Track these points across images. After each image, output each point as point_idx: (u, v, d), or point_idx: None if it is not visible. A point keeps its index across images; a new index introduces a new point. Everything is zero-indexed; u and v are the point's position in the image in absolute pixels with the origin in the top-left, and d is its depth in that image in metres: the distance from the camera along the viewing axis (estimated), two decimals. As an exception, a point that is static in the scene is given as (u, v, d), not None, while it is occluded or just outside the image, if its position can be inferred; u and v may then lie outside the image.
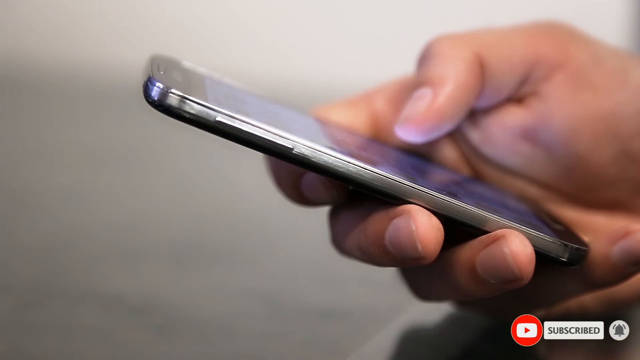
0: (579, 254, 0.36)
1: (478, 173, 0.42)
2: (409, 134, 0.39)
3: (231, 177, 0.73)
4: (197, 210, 0.62)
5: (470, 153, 0.42)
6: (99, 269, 0.49)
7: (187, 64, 0.39)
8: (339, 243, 0.39)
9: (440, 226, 0.35)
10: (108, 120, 0.94)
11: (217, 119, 0.34)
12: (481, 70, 0.40)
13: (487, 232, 0.35)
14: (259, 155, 0.41)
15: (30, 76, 1.12)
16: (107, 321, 0.41)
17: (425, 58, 0.40)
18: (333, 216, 0.39)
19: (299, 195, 0.38)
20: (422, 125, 0.39)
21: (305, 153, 0.35)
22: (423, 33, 0.43)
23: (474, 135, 0.41)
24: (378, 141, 0.42)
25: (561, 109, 0.41)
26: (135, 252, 0.52)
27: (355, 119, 0.42)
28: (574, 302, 0.41)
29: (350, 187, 0.36)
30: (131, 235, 0.55)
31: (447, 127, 0.39)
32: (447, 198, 0.35)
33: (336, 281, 0.48)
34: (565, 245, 0.36)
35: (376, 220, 0.36)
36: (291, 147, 0.34)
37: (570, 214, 0.41)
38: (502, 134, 0.41)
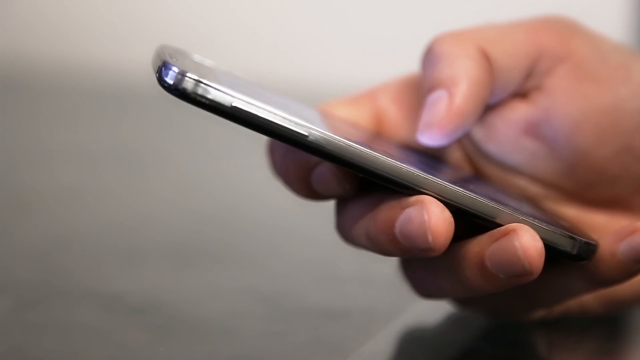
0: (589, 249, 0.36)
1: (479, 171, 0.42)
2: (433, 139, 0.39)
3: (231, 177, 0.73)
4: (197, 210, 0.62)
5: (473, 150, 0.42)
6: (99, 269, 0.49)
7: (195, 55, 0.39)
8: (346, 230, 0.38)
9: (452, 219, 0.35)
10: (108, 120, 0.94)
11: (234, 104, 0.34)
12: (489, 64, 0.40)
13: (498, 225, 0.35)
14: (260, 155, 0.41)
15: (30, 76, 1.12)
16: (107, 321, 0.41)
17: (430, 59, 0.40)
18: (341, 203, 0.39)
19: (309, 190, 0.38)
20: (446, 129, 0.39)
21: (320, 141, 0.34)
22: (423, 32, 0.43)
23: (478, 131, 0.41)
24: (382, 137, 0.42)
25: (564, 102, 0.40)
26: (135, 252, 0.52)
27: (358, 116, 0.42)
28: (574, 302, 0.41)
29: (362, 176, 0.35)
30: (131, 235, 0.55)
31: (468, 125, 0.39)
32: (460, 189, 0.35)
33: (336, 281, 0.48)
34: (575, 239, 0.36)
35: (387, 209, 0.36)
36: (307, 134, 0.34)
37: (571, 212, 0.41)
38: (506, 130, 0.41)
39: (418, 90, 0.42)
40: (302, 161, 0.37)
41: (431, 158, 0.41)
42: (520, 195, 0.41)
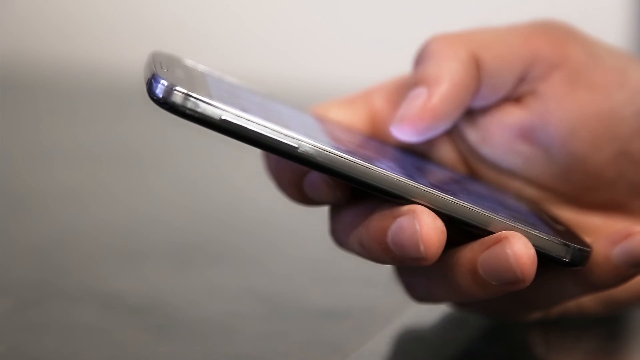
0: (582, 255, 0.36)
1: (475, 173, 0.42)
2: (404, 133, 0.39)
3: (231, 177, 0.73)
4: (197, 210, 0.62)
5: (468, 153, 0.42)
6: (99, 269, 0.49)
7: (187, 61, 0.39)
8: (339, 236, 0.38)
9: (444, 228, 0.35)
10: (108, 120, 0.94)
11: (223, 117, 0.34)
12: (477, 69, 0.40)
13: (490, 233, 0.35)
14: (259, 155, 0.41)
15: (30, 76, 1.12)
16: (107, 321, 0.41)
17: (421, 58, 0.40)
18: (335, 209, 0.39)
19: (302, 195, 0.38)
20: (417, 125, 0.39)
21: (310, 152, 0.34)
22: (423, 33, 0.43)
23: (472, 135, 0.41)
24: (377, 139, 0.42)
25: (559, 108, 0.40)
26: (135, 252, 0.52)
27: (353, 117, 0.42)
28: (572, 303, 0.41)
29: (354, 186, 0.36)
30: (131, 235, 0.55)
31: (443, 126, 0.39)
32: (452, 198, 0.35)
33: (336, 281, 0.48)
34: (568, 246, 0.36)
35: (380, 218, 0.36)
36: (296, 146, 0.34)
37: (567, 215, 0.41)
38: (500, 134, 0.41)
39: None
40: (295, 167, 0.37)
41: (425, 160, 0.41)
42: (518, 196, 0.41)
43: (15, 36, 1.24)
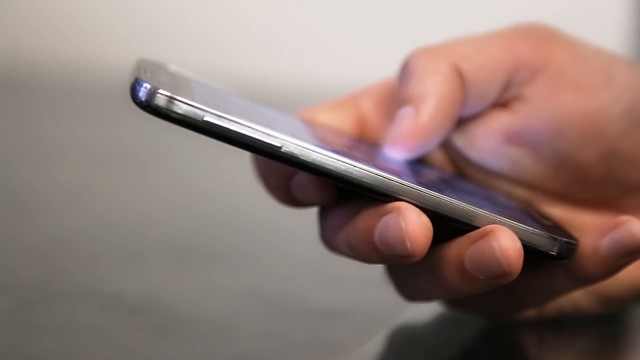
0: (569, 248, 0.36)
1: (464, 175, 0.42)
2: (397, 153, 0.39)
3: (231, 177, 0.73)
4: (197, 210, 0.62)
5: (456, 157, 0.42)
6: (99, 269, 0.49)
7: (173, 67, 0.39)
8: (328, 239, 0.39)
9: (430, 224, 0.35)
10: (108, 120, 0.94)
11: (205, 118, 0.34)
12: (461, 81, 0.40)
13: (476, 228, 0.35)
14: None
15: (30, 76, 1.12)
16: (107, 321, 0.42)
17: (404, 75, 0.41)
18: (323, 212, 0.39)
19: (289, 197, 0.38)
20: (410, 144, 0.39)
21: (293, 151, 0.34)
22: (420, 33, 0.43)
23: (459, 140, 0.41)
24: (365, 141, 0.42)
25: (545, 110, 0.40)
26: (135, 252, 0.52)
27: (341, 121, 0.42)
28: (567, 302, 0.41)
29: (340, 185, 0.36)
30: (131, 235, 0.55)
31: (435, 141, 0.40)
32: (436, 194, 0.35)
33: (336, 281, 0.48)
34: (554, 239, 0.36)
35: (366, 217, 0.36)
36: (279, 145, 0.34)
37: (558, 212, 0.41)
38: (486, 139, 0.41)
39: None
40: (281, 169, 0.37)
41: (415, 161, 0.41)
42: (506, 194, 0.41)
43: (15, 36, 1.25)
